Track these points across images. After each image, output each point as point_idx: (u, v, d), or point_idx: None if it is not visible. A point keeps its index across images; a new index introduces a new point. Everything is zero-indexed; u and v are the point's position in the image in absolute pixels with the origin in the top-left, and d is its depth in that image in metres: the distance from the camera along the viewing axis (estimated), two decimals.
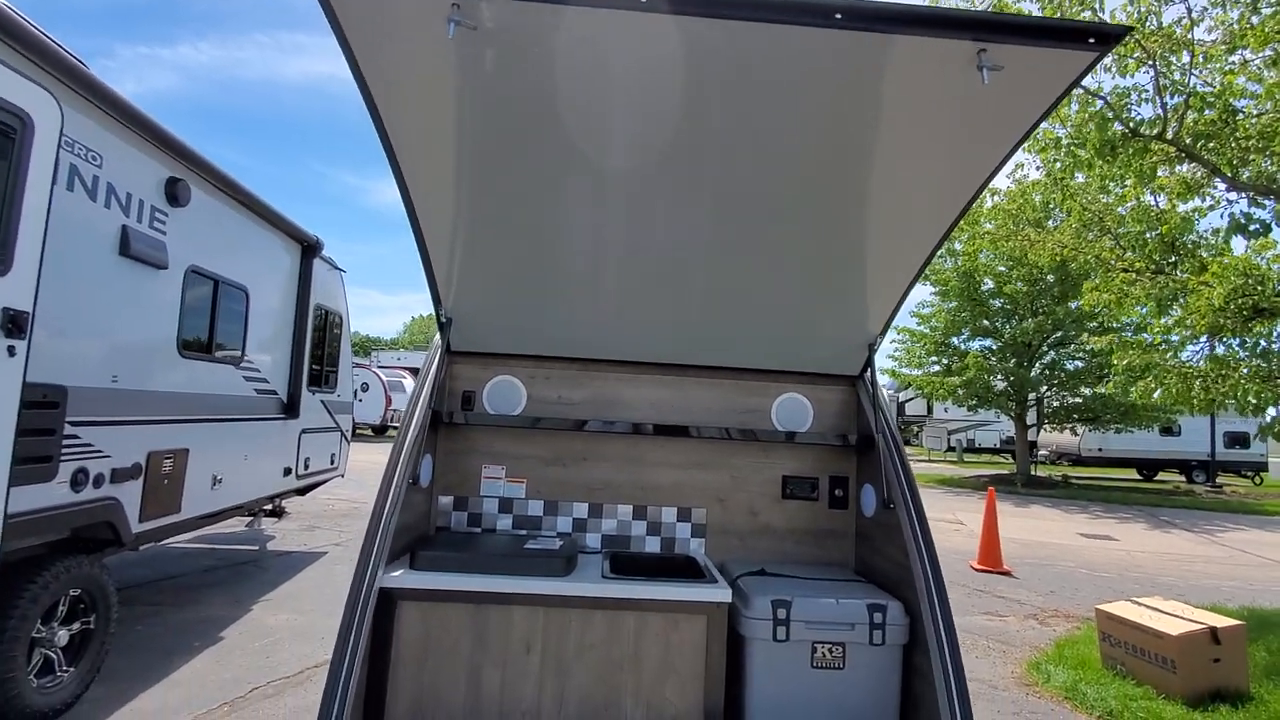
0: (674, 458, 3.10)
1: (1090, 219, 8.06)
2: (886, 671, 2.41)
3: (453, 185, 2.25)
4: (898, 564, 2.56)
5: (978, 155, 2.06)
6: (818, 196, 2.25)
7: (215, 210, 5.26)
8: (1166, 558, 10.28)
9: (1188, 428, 22.70)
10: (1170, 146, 5.67)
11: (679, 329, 2.94)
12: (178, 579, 6.54)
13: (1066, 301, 18.37)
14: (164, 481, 4.64)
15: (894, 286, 2.65)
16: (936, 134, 1.99)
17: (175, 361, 4.78)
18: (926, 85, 1.81)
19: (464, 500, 3.03)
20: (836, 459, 3.14)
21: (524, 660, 2.34)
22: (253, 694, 4.20)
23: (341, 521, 9.67)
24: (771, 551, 3.08)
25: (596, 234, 2.48)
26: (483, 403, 3.08)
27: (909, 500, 2.51)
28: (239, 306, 5.71)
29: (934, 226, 2.36)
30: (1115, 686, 4.73)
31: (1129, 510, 15.90)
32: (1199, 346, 6.50)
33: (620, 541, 3.05)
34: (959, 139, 2.01)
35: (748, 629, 2.40)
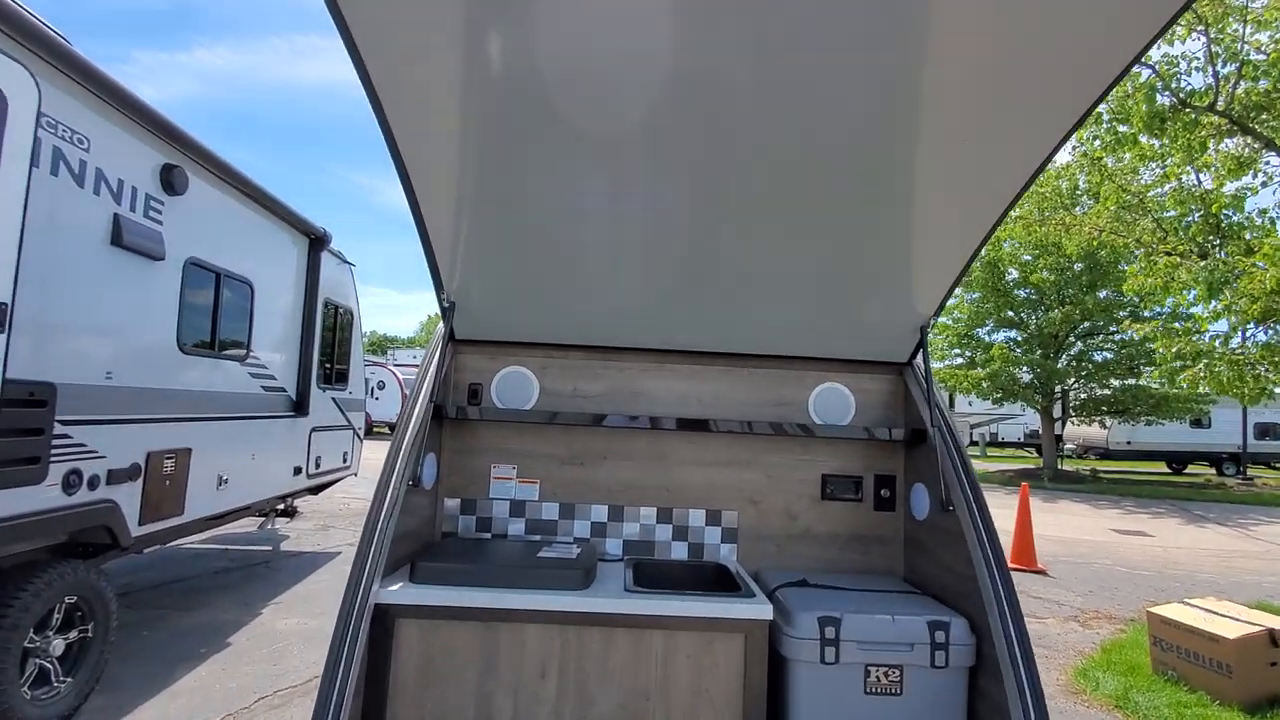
0: (702, 455, 2.82)
1: (1129, 201, 7.67)
2: (949, 698, 2.13)
3: (453, 152, 1.99)
4: (958, 574, 2.28)
5: (1053, 109, 1.76)
6: (862, 161, 1.96)
7: (216, 200, 5.05)
8: (1204, 553, 9.85)
9: (1218, 420, 22.03)
10: (1222, 119, 5.29)
11: (706, 313, 2.66)
12: (187, 581, 6.39)
13: (1095, 290, 17.82)
14: (165, 483, 4.45)
15: (949, 262, 2.35)
16: (1006, 84, 1.70)
17: (175, 358, 4.58)
18: (993, 25, 1.52)
19: (472, 503, 2.78)
20: (882, 456, 2.84)
21: (539, 686, 2.09)
22: (258, 704, 4.00)
23: (356, 521, 9.51)
24: (811, 559, 2.79)
25: (614, 207, 2.21)
26: (491, 396, 2.82)
27: (973, 502, 2.22)
28: (243, 301, 5.51)
29: (999, 192, 2.06)
30: (1168, 693, 4.42)
31: (1161, 504, 15.39)
32: (1249, 332, 6.12)
33: (643, 548, 2.78)
34: (1032, 88, 1.71)
35: (791, 649, 2.13)
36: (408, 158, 1.95)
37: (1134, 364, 18.19)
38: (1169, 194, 7.00)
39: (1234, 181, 5.64)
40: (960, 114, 1.79)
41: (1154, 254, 7.02)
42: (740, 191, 2.09)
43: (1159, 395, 18.27)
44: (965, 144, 1.88)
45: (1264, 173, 5.57)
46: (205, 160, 4.74)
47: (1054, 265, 17.67)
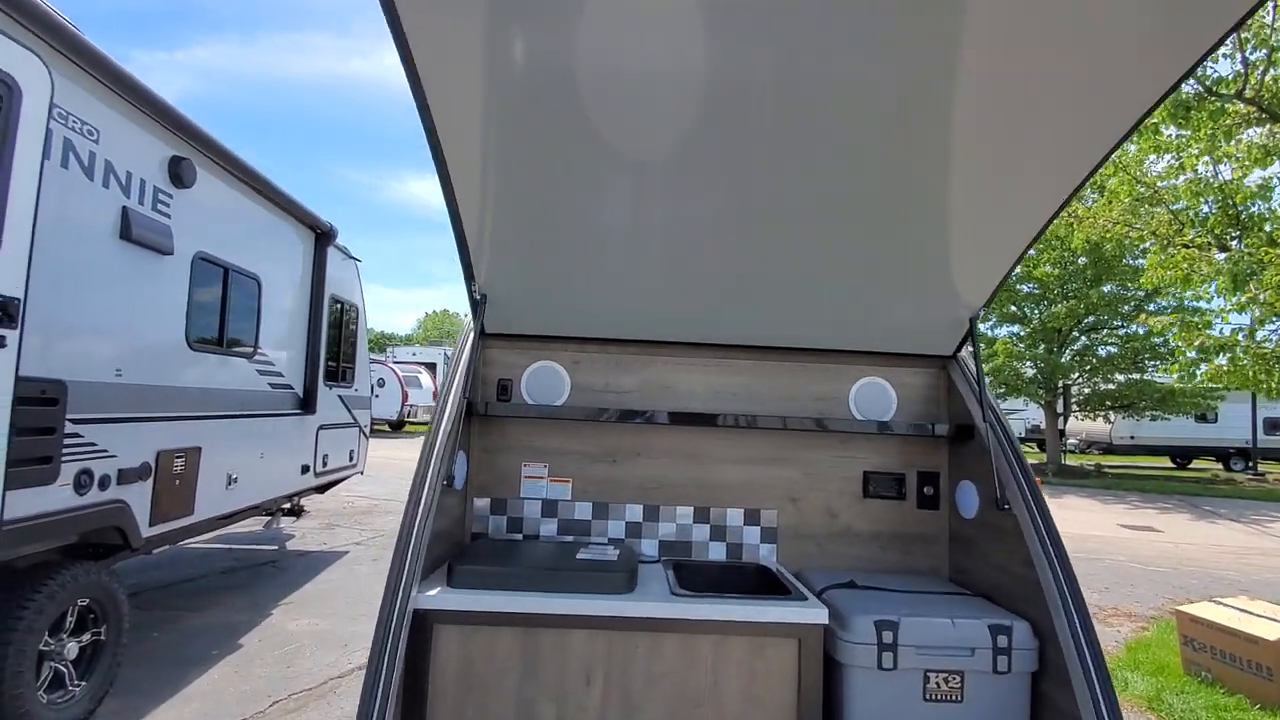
0: (739, 452, 2.73)
1: (1144, 193, 7.58)
2: (1012, 705, 2.04)
3: (491, 147, 1.91)
4: (1016, 575, 2.19)
5: (1127, 91, 1.66)
6: (909, 143, 1.86)
7: (222, 193, 4.95)
8: (1218, 550, 9.79)
9: (1225, 414, 21.96)
10: (1250, 107, 5.19)
11: (742, 306, 2.57)
12: (195, 581, 6.30)
13: (1099, 284, 17.74)
14: (175, 482, 4.36)
15: (1003, 250, 2.26)
16: (1059, 80, 1.60)
17: (185, 354, 4.49)
18: None
19: (502, 503, 2.69)
20: (925, 452, 2.75)
21: (584, 694, 2.00)
22: (273, 708, 3.91)
23: (363, 519, 9.42)
24: (854, 559, 2.70)
25: (647, 202, 2.12)
26: (521, 392, 2.73)
27: (1032, 500, 2.13)
28: (251, 296, 5.41)
29: (1063, 175, 1.96)
30: (1203, 695, 4.34)
31: (1168, 500, 15.35)
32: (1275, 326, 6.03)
33: (680, 548, 2.69)
34: (1100, 70, 1.61)
35: (846, 655, 2.04)
36: (449, 152, 1.87)
37: (1138, 358, 18.14)
38: (1184, 185, 6.91)
39: (1260, 170, 5.55)
40: (1014, 103, 1.69)
41: (1171, 246, 6.92)
42: (776, 184, 2.01)
43: (1165, 390, 18.21)
44: (1024, 126, 1.78)
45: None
46: (212, 152, 4.63)
47: (1058, 259, 17.59)
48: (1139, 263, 16.41)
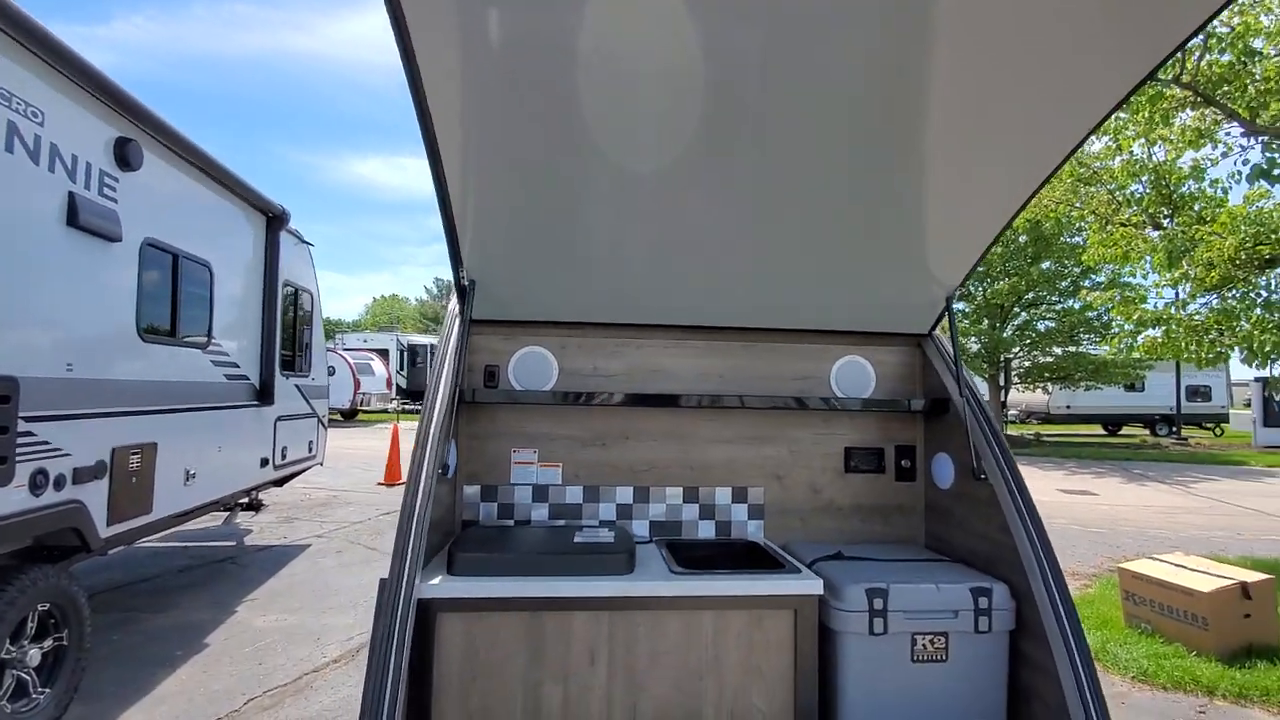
0: (726, 432, 2.79)
1: (1085, 174, 7.93)
2: (992, 662, 2.17)
3: (482, 131, 1.88)
4: (993, 541, 2.31)
5: (1099, 82, 1.75)
6: (890, 128, 1.92)
7: (170, 176, 4.70)
8: (1149, 510, 10.47)
9: (1151, 384, 23.36)
10: (1186, 91, 5.48)
11: (726, 288, 2.61)
12: (151, 581, 6.07)
13: (1039, 262, 18.53)
14: (132, 480, 4.18)
15: (978, 232, 2.36)
16: (1053, 47, 1.67)
17: (136, 346, 4.28)
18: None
19: (493, 489, 2.68)
20: (902, 427, 2.87)
21: (589, 674, 2.03)
22: (248, 706, 3.83)
23: (322, 511, 9.20)
24: (836, 531, 2.81)
25: (631, 184, 2.12)
26: (509, 378, 2.72)
27: (1007, 470, 2.25)
28: (203, 284, 5.19)
29: (1036, 162, 2.05)
30: (1144, 646, 4.66)
31: (1102, 465, 16.29)
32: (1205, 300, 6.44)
33: (671, 528, 2.74)
34: (1066, 68, 1.69)
35: (839, 622, 2.13)
36: (441, 136, 1.83)
37: (1075, 332, 19.08)
38: (1119, 166, 7.25)
39: (1192, 152, 5.88)
40: (992, 84, 1.76)
41: (1110, 224, 7.28)
42: (760, 169, 2.05)
43: (1098, 361, 19.23)
44: (998, 116, 1.86)
45: (1224, 143, 5.82)
46: (159, 133, 4.39)
47: (1001, 238, 18.28)
48: (1076, 240, 17.21)
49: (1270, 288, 6.32)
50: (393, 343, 28.55)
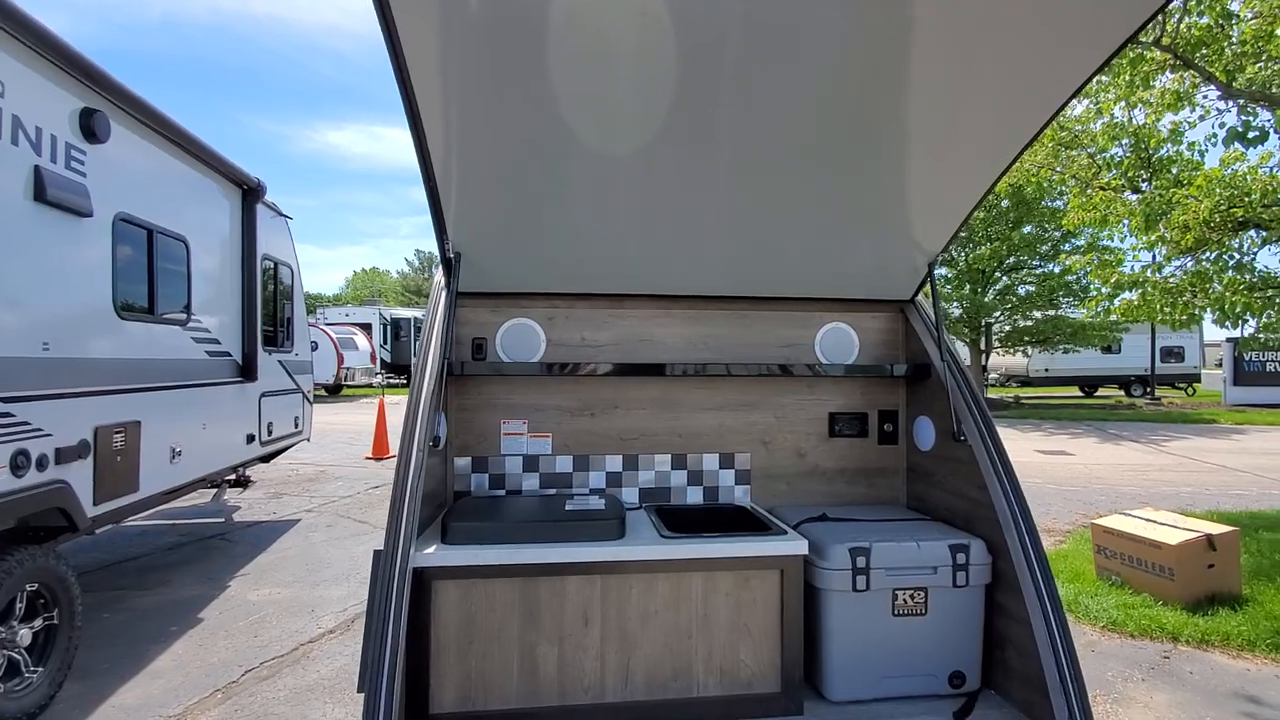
0: (713, 400, 2.83)
1: (1066, 137, 7.96)
2: (969, 614, 2.27)
3: (464, 99, 1.86)
4: (971, 499, 2.39)
5: (1077, 44, 1.76)
6: (872, 94, 1.93)
7: (140, 148, 4.58)
8: (1123, 469, 10.78)
9: (1127, 346, 23.82)
10: (1165, 54, 5.49)
11: (712, 257, 2.62)
12: (140, 560, 6.08)
13: (1020, 226, 18.67)
14: (116, 458, 4.16)
15: (960, 199, 2.38)
16: (1027, 14, 1.68)
17: (114, 324, 4.22)
18: None
19: (483, 461, 2.71)
20: (885, 392, 2.92)
21: (583, 634, 2.10)
22: (246, 677, 3.89)
23: (310, 486, 9.21)
24: (821, 494, 2.88)
25: (616, 154, 2.12)
26: (497, 350, 2.73)
27: (985, 431, 2.32)
28: (179, 259, 5.10)
29: (1015, 129, 2.07)
30: (1114, 597, 4.86)
31: (1078, 426, 16.67)
32: (1180, 262, 6.55)
33: (660, 494, 2.80)
34: (1049, 31, 1.70)
35: (823, 580, 2.21)
36: (423, 107, 1.81)
37: (1054, 296, 19.34)
38: (1100, 130, 7.28)
39: (1171, 115, 5.92)
40: (973, 50, 1.77)
41: (1089, 188, 7.34)
42: (744, 136, 2.05)
43: (1076, 325, 19.55)
44: (978, 82, 1.87)
45: (1201, 106, 5.86)
46: (126, 103, 4.27)
47: (983, 204, 18.37)
48: (1057, 204, 17.34)
49: (1243, 250, 6.44)
50: (375, 316, 28.25)
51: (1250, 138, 4.84)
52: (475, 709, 2.05)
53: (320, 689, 3.75)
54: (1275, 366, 21.15)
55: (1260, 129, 4.86)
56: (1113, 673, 3.88)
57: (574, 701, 2.09)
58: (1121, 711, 3.47)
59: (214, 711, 3.51)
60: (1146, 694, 3.64)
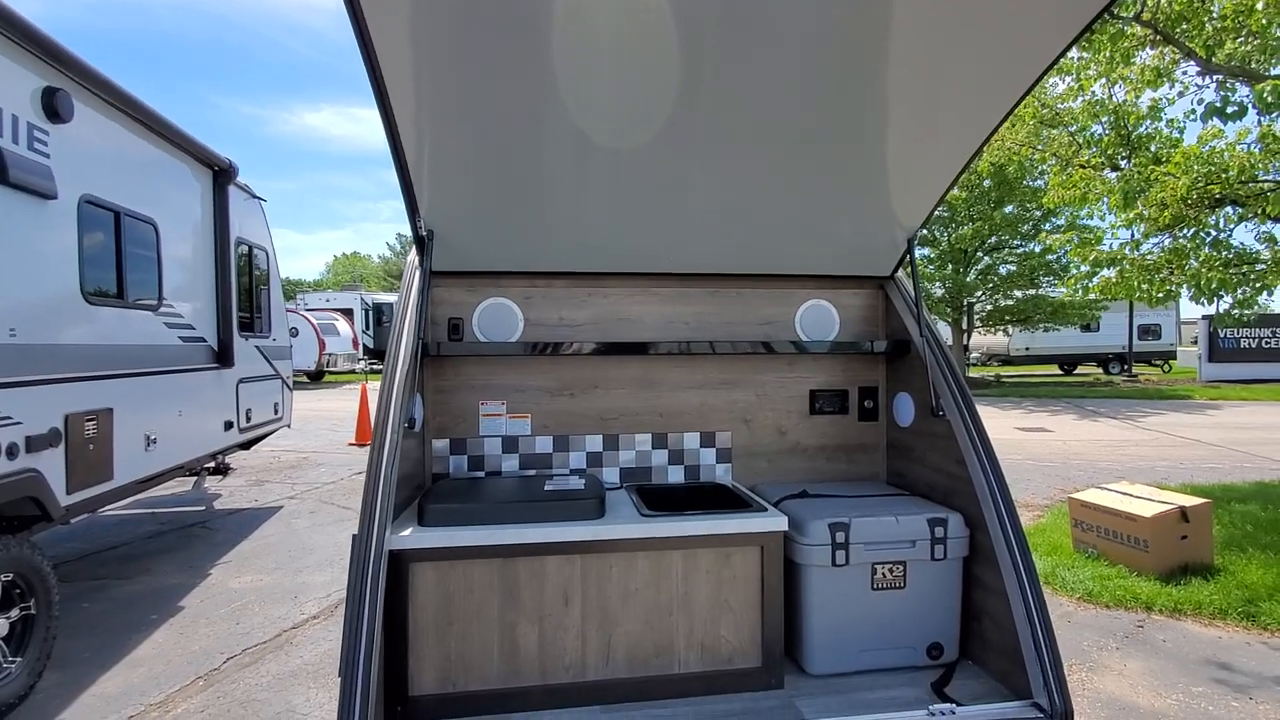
0: (693, 378, 2.82)
1: (1047, 115, 7.97)
2: (947, 586, 2.29)
3: (433, 71, 1.81)
4: (949, 474, 2.41)
5: (1050, 20, 1.75)
6: (849, 69, 1.91)
7: (105, 128, 4.45)
8: (1100, 444, 10.97)
9: (1106, 324, 24.16)
10: (1146, 29, 5.49)
11: (691, 234, 2.59)
12: (119, 549, 6.01)
13: (1002, 206, 18.77)
14: (89, 446, 4.08)
15: (937, 174, 2.37)
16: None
17: (82, 309, 4.12)
18: None
19: (462, 442, 2.69)
20: (865, 368, 2.93)
21: (563, 613, 2.09)
22: (228, 665, 3.87)
23: (292, 473, 9.13)
24: (802, 471, 2.89)
25: (593, 129, 2.08)
26: (473, 330, 2.69)
27: (964, 407, 2.33)
28: (149, 242, 4.98)
29: (990, 106, 2.06)
30: (1090, 569, 4.95)
31: (1058, 403, 16.92)
32: (1157, 240, 6.61)
33: (641, 474, 2.79)
34: (1024, 3, 1.69)
35: (803, 556, 2.22)
36: (388, 75, 1.75)
37: (1035, 275, 19.52)
38: (1081, 107, 7.30)
39: (1151, 91, 5.94)
40: (950, 25, 1.75)
41: (1070, 166, 7.37)
42: (721, 112, 2.03)
43: (1056, 303, 19.77)
44: (955, 57, 1.86)
45: (1180, 82, 5.88)
46: (89, 82, 4.13)
47: (965, 182, 18.42)
48: (1038, 183, 17.44)
49: (1219, 227, 6.51)
50: (357, 302, 27.92)
51: (1229, 113, 4.87)
52: (456, 690, 2.05)
53: (304, 674, 3.73)
54: (1249, 343, 21.56)
55: (1239, 104, 4.89)
56: (1088, 642, 3.96)
57: (555, 680, 2.09)
58: (1096, 679, 3.55)
59: (196, 699, 3.48)
60: (1120, 662, 3.73)
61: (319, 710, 3.34)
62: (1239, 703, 3.30)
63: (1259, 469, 8.82)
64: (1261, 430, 12.33)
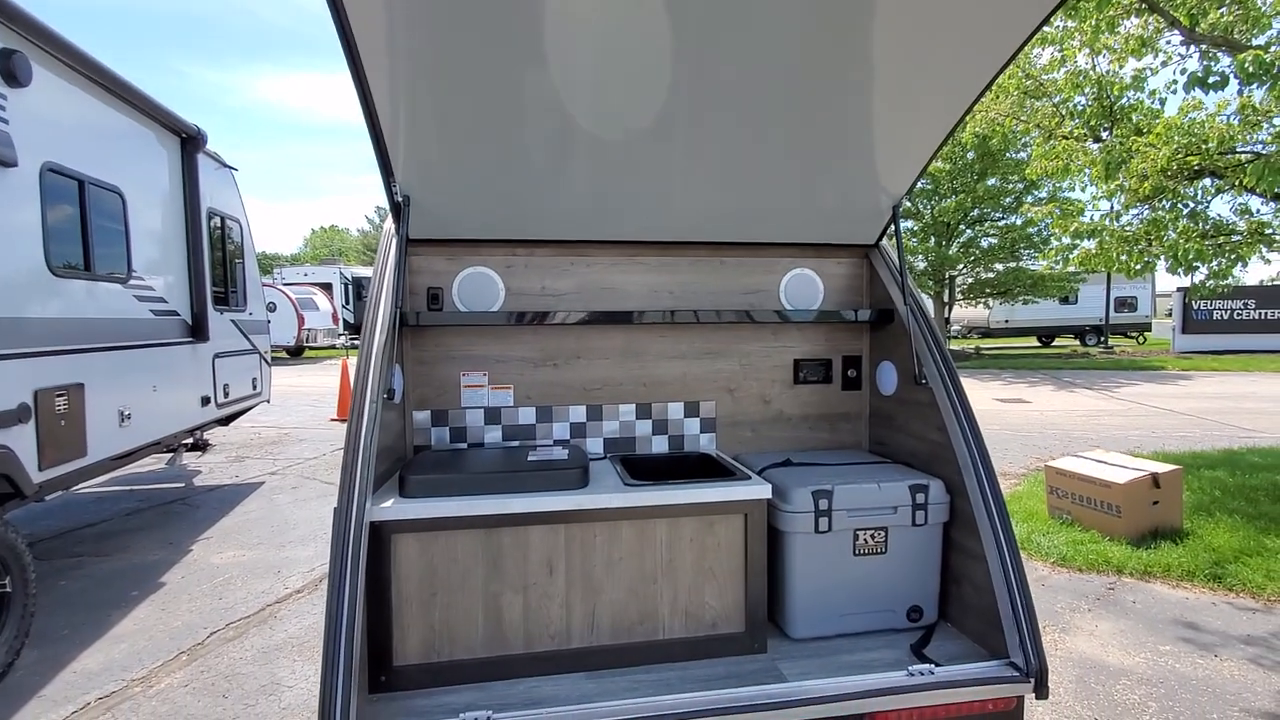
0: (677, 348, 2.80)
1: (1031, 86, 7.94)
2: (928, 551, 2.32)
3: (407, 27, 1.73)
4: (931, 441, 2.43)
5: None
6: (834, 34, 1.87)
7: (67, 93, 4.28)
8: (1075, 414, 11.18)
9: (1084, 296, 24.48)
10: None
11: (674, 201, 2.55)
12: (97, 526, 5.93)
13: (985, 179, 18.81)
14: (61, 422, 4.00)
15: (922, 142, 2.33)
16: None
17: (48, 283, 4.00)
18: None
19: (443, 414, 2.65)
20: (849, 337, 2.92)
21: (547, 582, 2.09)
22: (211, 639, 3.86)
23: (273, 449, 9.05)
24: (786, 440, 2.90)
25: (574, 92, 2.02)
26: (453, 300, 2.64)
27: (946, 375, 2.33)
28: (115, 213, 4.83)
29: (975, 71, 2.03)
30: (1064, 534, 5.07)
31: (1035, 375, 17.19)
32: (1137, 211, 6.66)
33: (625, 444, 2.78)
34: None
35: (787, 523, 2.23)
36: (358, 30, 1.68)
37: (1016, 248, 19.67)
38: (1064, 77, 7.28)
39: (1135, 60, 5.92)
40: (925, 6, 1.72)
41: (1053, 138, 7.36)
42: (705, 77, 1.98)
43: (1036, 276, 19.97)
44: (939, 23, 1.82)
45: (1164, 52, 5.88)
46: (49, 44, 3.95)
47: (948, 155, 18.41)
48: (1021, 155, 17.47)
49: (1197, 198, 6.57)
50: (336, 276, 27.44)
51: (1210, 83, 4.87)
52: (441, 659, 2.05)
53: (289, 647, 3.73)
54: (1221, 315, 21.99)
55: (1221, 74, 4.89)
56: (1061, 604, 4.07)
57: (540, 648, 2.10)
58: (1068, 640, 3.66)
59: (180, 673, 3.47)
60: (1092, 623, 3.84)
61: (304, 682, 3.35)
62: (1204, 660, 3.41)
63: (1228, 437, 9.06)
64: (1230, 400, 12.64)
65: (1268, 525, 5.10)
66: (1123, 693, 3.14)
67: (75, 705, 3.18)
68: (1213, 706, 3.01)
